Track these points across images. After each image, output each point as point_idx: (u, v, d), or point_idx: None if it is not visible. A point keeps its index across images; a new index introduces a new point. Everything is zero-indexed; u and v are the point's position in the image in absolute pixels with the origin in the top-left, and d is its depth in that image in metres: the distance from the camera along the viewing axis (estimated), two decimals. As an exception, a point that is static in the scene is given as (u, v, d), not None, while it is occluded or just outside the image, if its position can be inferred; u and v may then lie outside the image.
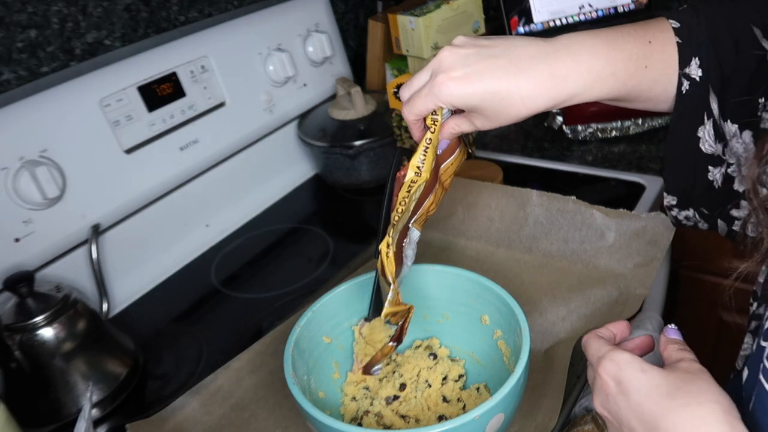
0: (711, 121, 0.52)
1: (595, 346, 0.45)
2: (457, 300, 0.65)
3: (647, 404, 0.39)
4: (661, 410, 0.38)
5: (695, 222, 0.59)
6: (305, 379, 0.59)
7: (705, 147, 0.53)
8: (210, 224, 0.96)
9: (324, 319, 0.63)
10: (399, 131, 0.94)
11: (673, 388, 0.38)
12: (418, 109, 0.54)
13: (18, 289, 0.65)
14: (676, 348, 0.44)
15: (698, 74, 0.51)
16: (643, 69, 0.51)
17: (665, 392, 0.38)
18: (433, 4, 1.02)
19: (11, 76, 0.79)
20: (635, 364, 0.41)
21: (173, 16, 0.96)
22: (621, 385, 0.41)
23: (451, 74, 0.51)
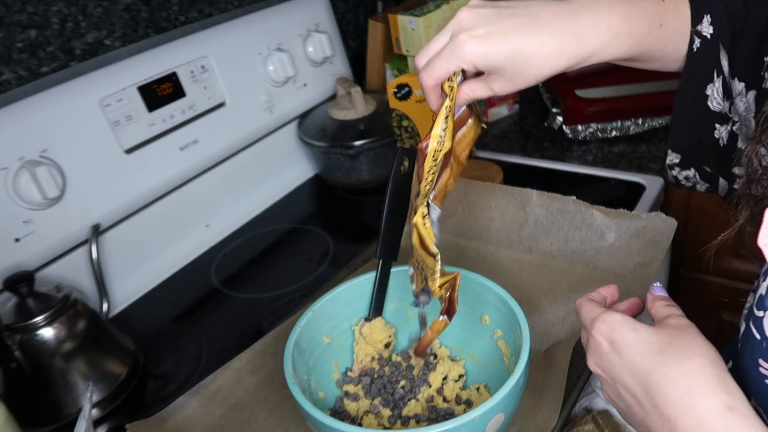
0: (720, 78, 0.52)
1: (587, 308, 0.46)
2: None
3: (640, 361, 0.40)
4: (654, 365, 0.39)
5: (694, 183, 0.59)
6: (305, 379, 0.59)
7: (713, 105, 0.53)
8: (210, 224, 0.96)
9: (324, 319, 0.63)
10: (399, 131, 0.94)
11: (664, 344, 0.40)
12: (438, 72, 0.52)
13: (18, 289, 0.65)
14: (663, 304, 0.45)
15: (709, 31, 0.51)
16: (657, 27, 0.51)
17: (656, 349, 0.40)
18: (433, 4, 1.02)
19: (11, 76, 0.79)
20: (627, 324, 0.42)
21: (173, 16, 0.96)
22: (614, 345, 0.42)
23: (474, 33, 0.49)
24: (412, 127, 0.94)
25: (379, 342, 0.65)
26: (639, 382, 0.40)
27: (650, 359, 0.39)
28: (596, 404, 0.64)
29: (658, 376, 0.39)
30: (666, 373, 0.38)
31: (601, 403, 0.64)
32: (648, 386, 0.39)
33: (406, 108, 0.92)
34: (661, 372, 0.39)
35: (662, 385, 0.38)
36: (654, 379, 0.39)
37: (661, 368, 0.39)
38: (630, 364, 0.41)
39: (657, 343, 0.40)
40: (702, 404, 0.37)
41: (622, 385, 0.42)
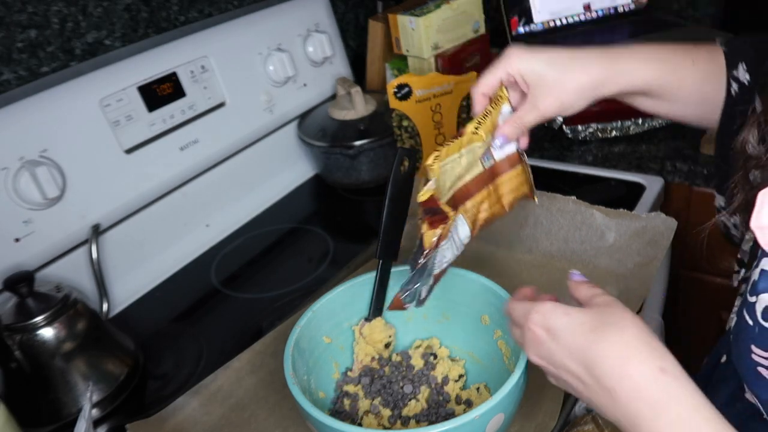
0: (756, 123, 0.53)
1: (519, 307, 0.48)
2: (457, 300, 0.65)
3: (576, 341, 0.43)
4: (589, 343, 0.42)
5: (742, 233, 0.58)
6: (305, 379, 0.59)
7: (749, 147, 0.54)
8: (210, 224, 0.96)
9: (324, 319, 0.63)
10: (399, 131, 0.94)
11: (596, 323, 0.42)
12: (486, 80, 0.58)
13: (18, 289, 0.65)
14: (586, 287, 0.48)
15: (746, 78, 0.54)
16: (691, 63, 0.55)
17: (588, 328, 0.42)
18: (433, 4, 1.02)
19: (11, 76, 0.79)
20: (558, 310, 0.45)
21: (173, 16, 0.96)
22: (550, 331, 0.44)
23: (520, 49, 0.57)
24: (412, 127, 0.94)
25: (379, 342, 0.65)
26: (579, 362, 0.42)
27: (585, 338, 0.42)
28: (596, 404, 0.64)
29: (595, 352, 0.41)
30: (601, 348, 0.41)
31: (601, 403, 0.64)
32: (587, 363, 0.42)
33: (406, 108, 0.92)
34: (597, 348, 0.41)
35: (599, 359, 0.41)
36: (591, 355, 0.41)
37: (596, 345, 0.41)
38: (567, 346, 0.43)
39: (588, 322, 0.43)
40: (637, 371, 0.40)
41: (564, 369, 0.44)
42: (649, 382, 0.39)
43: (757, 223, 0.40)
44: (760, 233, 0.40)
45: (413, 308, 0.62)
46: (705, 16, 1.33)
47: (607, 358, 0.41)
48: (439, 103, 0.94)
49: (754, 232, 0.40)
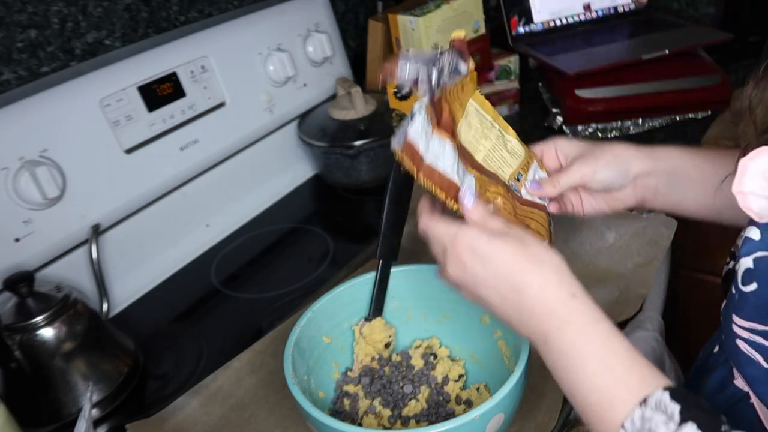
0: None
1: (442, 227, 0.52)
2: (457, 300, 0.64)
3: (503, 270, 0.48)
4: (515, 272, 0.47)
5: None
6: (305, 379, 0.59)
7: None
8: (210, 224, 0.96)
9: (324, 319, 0.63)
10: (399, 131, 0.94)
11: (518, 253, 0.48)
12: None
13: (18, 289, 0.65)
14: (483, 211, 0.52)
15: None
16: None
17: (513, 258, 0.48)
18: (433, 4, 1.02)
19: (11, 76, 0.79)
20: (484, 236, 0.49)
21: (173, 16, 0.96)
22: (477, 255, 0.49)
23: None
24: (412, 127, 0.94)
25: (379, 342, 0.65)
26: (503, 286, 0.48)
27: (511, 267, 0.48)
28: (596, 404, 0.64)
29: (519, 280, 0.47)
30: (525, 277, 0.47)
31: (601, 403, 0.64)
32: (511, 287, 0.48)
33: (406, 108, 0.92)
34: (522, 277, 0.47)
35: (523, 286, 0.47)
36: (514, 281, 0.47)
37: (521, 275, 0.47)
38: (494, 272, 0.48)
39: (512, 252, 0.48)
40: (552, 294, 0.46)
41: (485, 287, 0.49)
42: (560, 303, 0.46)
43: (738, 188, 0.43)
44: (740, 198, 0.43)
45: (412, 306, 0.62)
46: (705, 16, 1.33)
47: (530, 286, 0.47)
48: (439, 103, 0.94)
49: (736, 196, 0.43)
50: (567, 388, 0.46)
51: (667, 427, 0.39)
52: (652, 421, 0.40)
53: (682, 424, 0.39)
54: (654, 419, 0.40)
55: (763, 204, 0.43)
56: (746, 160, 0.43)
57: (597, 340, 0.45)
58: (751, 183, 0.43)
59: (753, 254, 0.45)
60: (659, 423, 0.40)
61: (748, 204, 0.43)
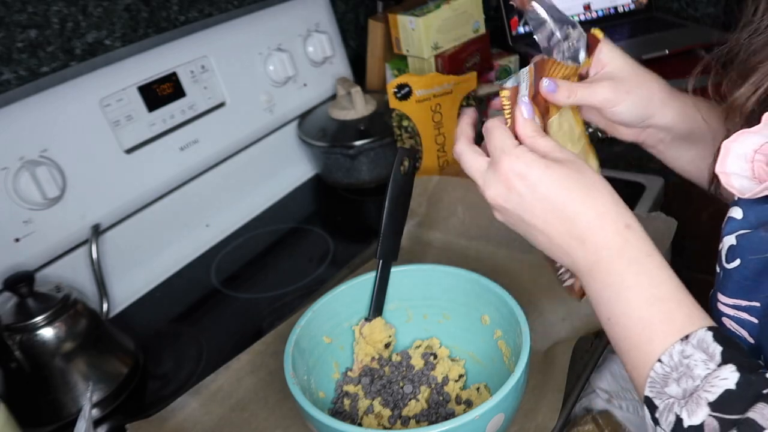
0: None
1: (499, 137, 0.49)
2: (457, 300, 0.65)
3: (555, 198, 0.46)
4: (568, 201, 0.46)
5: None
6: (305, 379, 0.59)
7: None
8: (210, 224, 0.96)
9: (324, 319, 0.63)
10: (399, 131, 0.94)
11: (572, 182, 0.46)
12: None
13: (18, 289, 0.65)
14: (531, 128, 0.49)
15: None
16: None
17: (566, 186, 0.46)
18: (433, 4, 1.02)
19: (11, 76, 0.79)
20: (540, 162, 0.47)
21: (173, 16, 0.96)
22: (526, 181, 0.47)
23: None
24: (412, 127, 0.94)
25: (379, 342, 0.65)
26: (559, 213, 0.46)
27: (564, 196, 0.46)
28: (596, 404, 0.64)
29: (572, 209, 0.46)
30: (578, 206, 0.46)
31: (601, 403, 0.64)
32: (562, 217, 0.46)
33: (406, 108, 0.92)
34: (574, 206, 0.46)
35: (576, 215, 0.46)
36: (568, 211, 0.46)
37: (573, 203, 0.46)
38: (544, 198, 0.47)
39: (565, 180, 0.46)
40: (609, 224, 0.46)
41: (531, 214, 0.48)
42: (615, 235, 0.45)
43: (721, 168, 0.44)
44: (723, 177, 0.44)
45: (412, 306, 0.62)
46: (705, 16, 1.33)
47: (584, 215, 0.46)
48: (439, 103, 0.94)
49: (718, 176, 0.44)
50: (607, 316, 0.46)
51: (706, 366, 0.39)
52: (692, 358, 0.40)
53: (722, 365, 0.39)
54: (694, 356, 0.40)
55: (744, 183, 0.44)
56: (728, 142, 0.44)
57: (648, 273, 0.45)
58: (733, 164, 0.44)
59: (736, 232, 0.46)
60: (698, 361, 0.40)
61: (731, 182, 0.44)
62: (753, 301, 0.45)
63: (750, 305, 0.45)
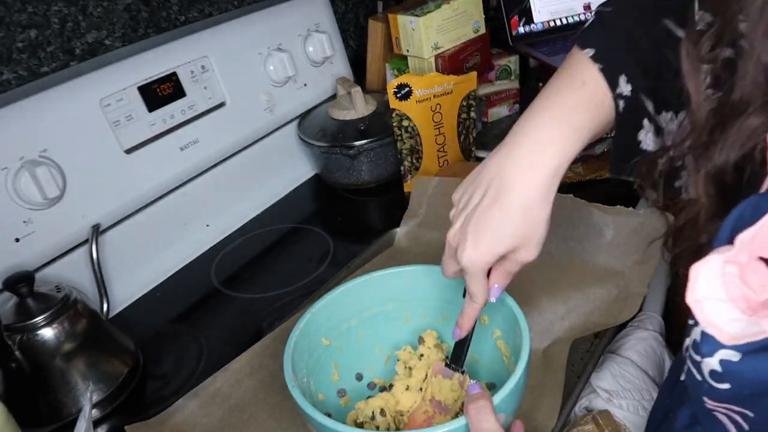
0: (651, 122, 0.54)
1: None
2: (456, 300, 0.64)
3: None
4: None
5: None
6: (304, 381, 0.59)
7: (649, 146, 0.55)
8: (210, 224, 0.96)
9: (323, 321, 0.63)
10: (399, 131, 0.94)
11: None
12: (450, 271, 0.57)
13: (18, 289, 0.65)
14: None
15: (629, 90, 0.52)
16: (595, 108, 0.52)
17: None
18: (433, 4, 1.02)
19: (11, 76, 0.79)
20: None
21: (173, 16, 0.96)
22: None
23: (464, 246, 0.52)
24: (412, 127, 0.94)
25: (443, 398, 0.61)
26: None
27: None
28: (596, 404, 0.64)
29: None
30: None
31: (601, 403, 0.64)
32: None
33: (406, 108, 0.92)
34: None
35: None
36: None
37: None
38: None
39: None
40: None
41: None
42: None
43: (692, 297, 0.37)
44: (696, 307, 0.37)
45: (411, 306, 0.61)
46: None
47: None
48: (439, 103, 0.94)
49: (691, 307, 0.37)
50: None
51: None
52: None
53: None
54: None
55: (723, 314, 0.36)
56: (696, 268, 0.37)
57: None
58: (703, 287, 0.37)
59: (715, 354, 0.39)
60: None
61: (707, 316, 0.37)
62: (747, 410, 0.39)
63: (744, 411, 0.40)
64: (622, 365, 0.66)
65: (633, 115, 0.53)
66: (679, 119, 0.53)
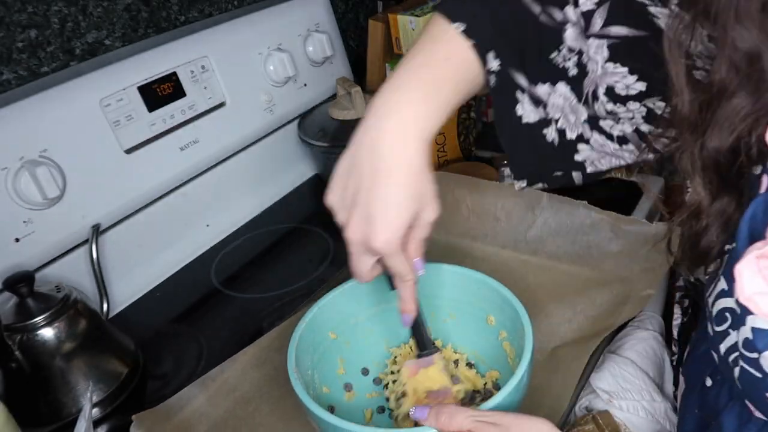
0: (525, 94, 0.54)
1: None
2: (463, 300, 0.65)
3: None
4: None
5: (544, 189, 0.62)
6: (309, 374, 0.59)
7: (530, 118, 0.55)
8: (210, 224, 0.96)
9: (330, 315, 0.63)
10: (399, 131, 0.94)
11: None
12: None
13: (18, 289, 0.64)
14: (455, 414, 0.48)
15: (497, 64, 0.52)
16: (462, 82, 0.52)
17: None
18: (433, 4, 1.02)
19: (11, 76, 0.79)
20: None
21: (173, 16, 0.96)
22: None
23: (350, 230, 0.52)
24: (412, 127, 0.94)
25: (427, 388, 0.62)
26: None
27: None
28: (596, 404, 0.64)
29: None
30: None
31: (601, 403, 0.64)
32: None
33: (407, 108, 0.92)
34: None
35: None
36: None
37: None
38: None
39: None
40: None
41: None
42: None
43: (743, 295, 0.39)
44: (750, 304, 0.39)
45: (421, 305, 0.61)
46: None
47: None
48: (439, 103, 0.94)
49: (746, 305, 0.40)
50: None
51: None
52: None
53: None
54: None
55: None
56: (740, 268, 0.39)
57: None
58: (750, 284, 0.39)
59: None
60: None
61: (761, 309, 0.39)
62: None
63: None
64: (622, 365, 0.66)
65: (505, 89, 0.53)
66: (558, 90, 0.53)
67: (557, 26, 0.51)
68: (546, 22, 0.51)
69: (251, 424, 0.62)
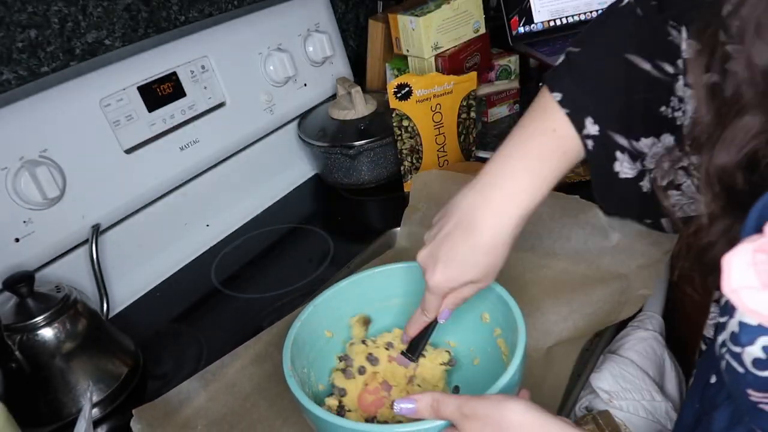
0: (624, 153, 0.55)
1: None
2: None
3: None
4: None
5: None
6: (305, 371, 0.59)
7: (627, 174, 0.56)
8: (210, 224, 0.96)
9: (326, 314, 0.63)
10: (399, 131, 0.94)
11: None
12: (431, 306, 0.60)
13: (18, 289, 0.65)
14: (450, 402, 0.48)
15: (596, 130, 0.54)
16: (563, 155, 0.55)
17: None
18: (433, 4, 1.02)
19: (11, 76, 0.79)
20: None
21: (173, 16, 0.96)
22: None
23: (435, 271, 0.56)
24: (412, 127, 0.94)
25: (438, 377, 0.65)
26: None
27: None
28: (596, 404, 0.64)
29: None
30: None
31: (601, 403, 0.64)
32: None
33: (406, 108, 0.92)
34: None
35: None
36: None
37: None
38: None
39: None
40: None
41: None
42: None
43: (729, 287, 0.39)
44: (734, 296, 0.38)
45: (412, 303, 0.61)
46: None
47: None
48: (439, 103, 0.94)
49: (728, 297, 0.39)
50: None
51: None
52: None
53: None
54: None
55: (761, 297, 0.38)
56: (728, 259, 0.39)
57: None
58: (738, 277, 0.38)
59: (757, 342, 0.40)
60: None
61: (744, 303, 0.38)
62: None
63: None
64: (622, 365, 0.66)
65: (603, 151, 0.55)
66: (663, 141, 0.55)
67: (669, 79, 0.52)
68: (658, 77, 0.52)
69: (249, 419, 0.63)
